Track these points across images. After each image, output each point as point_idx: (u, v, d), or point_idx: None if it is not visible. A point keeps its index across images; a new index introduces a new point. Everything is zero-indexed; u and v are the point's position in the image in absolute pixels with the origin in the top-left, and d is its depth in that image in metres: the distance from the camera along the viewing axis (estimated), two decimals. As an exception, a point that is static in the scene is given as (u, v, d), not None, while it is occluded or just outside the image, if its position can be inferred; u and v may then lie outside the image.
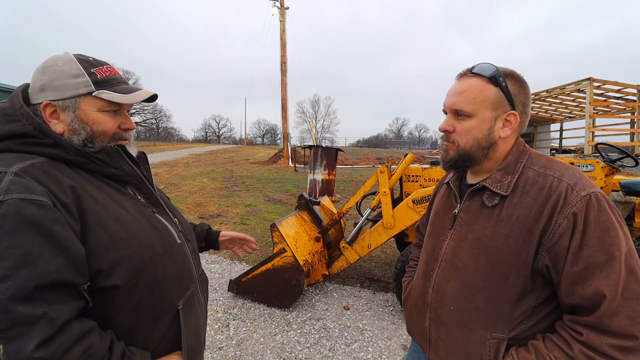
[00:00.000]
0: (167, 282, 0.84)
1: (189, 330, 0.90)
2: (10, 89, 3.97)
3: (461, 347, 0.89)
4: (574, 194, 0.77)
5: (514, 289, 0.82)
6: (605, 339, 0.71)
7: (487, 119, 0.86)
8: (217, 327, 2.78)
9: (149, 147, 27.78)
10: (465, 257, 0.89)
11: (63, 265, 0.65)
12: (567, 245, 0.75)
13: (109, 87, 0.83)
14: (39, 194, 0.66)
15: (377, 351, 2.52)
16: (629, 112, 9.25)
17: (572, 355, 0.73)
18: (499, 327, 0.83)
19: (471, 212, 0.91)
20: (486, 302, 0.85)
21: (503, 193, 0.85)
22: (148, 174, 0.98)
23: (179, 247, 0.93)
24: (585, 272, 0.74)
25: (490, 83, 0.85)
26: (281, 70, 18.04)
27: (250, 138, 62.10)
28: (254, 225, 5.94)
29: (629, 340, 0.70)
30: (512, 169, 0.87)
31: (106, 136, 0.85)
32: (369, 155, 23.13)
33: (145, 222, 0.85)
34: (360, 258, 3.34)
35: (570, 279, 0.75)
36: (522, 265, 0.80)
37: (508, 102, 0.86)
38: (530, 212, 0.80)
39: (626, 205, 3.31)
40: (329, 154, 8.48)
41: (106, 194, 0.81)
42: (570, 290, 0.76)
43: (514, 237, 0.81)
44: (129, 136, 0.91)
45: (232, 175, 12.24)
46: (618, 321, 0.70)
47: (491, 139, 0.87)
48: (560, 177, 0.80)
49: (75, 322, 0.66)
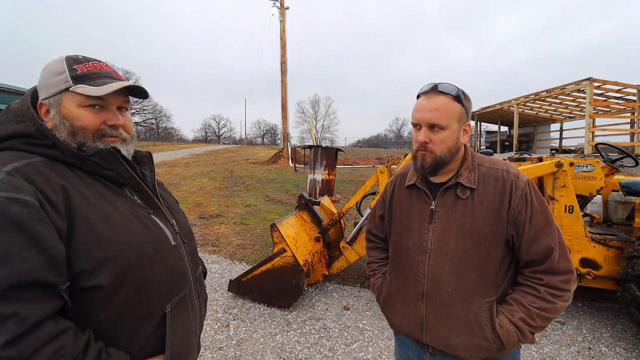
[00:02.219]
0: (156, 284, 0.83)
1: (175, 335, 0.88)
2: (10, 88, 3.98)
3: (461, 321, 1.06)
4: (520, 180, 1.05)
5: (497, 259, 1.04)
6: (557, 277, 1.01)
7: (455, 130, 1.07)
8: (217, 327, 2.78)
9: (149, 147, 27.74)
10: (453, 243, 1.06)
11: (41, 264, 0.65)
12: (524, 217, 1.03)
13: (88, 81, 0.82)
14: (25, 193, 0.67)
15: (377, 351, 2.52)
16: (629, 112, 9.26)
17: (540, 295, 1.00)
18: (490, 292, 1.05)
19: (447, 205, 1.09)
20: (478, 276, 1.04)
21: (472, 186, 1.07)
22: (151, 174, 0.97)
23: (173, 249, 0.91)
24: (536, 234, 1.02)
25: (456, 101, 1.05)
26: (281, 70, 18.04)
27: (250, 138, 62.09)
28: (254, 225, 5.94)
29: (569, 274, 1.02)
30: (472, 167, 1.10)
31: (87, 131, 0.82)
32: (369, 155, 23.14)
33: (138, 223, 0.84)
34: (360, 258, 3.35)
35: (527, 240, 1.03)
36: (499, 239, 1.04)
37: (466, 115, 1.09)
38: (494, 197, 1.04)
39: (626, 205, 3.31)
40: (329, 154, 8.48)
41: (100, 194, 0.81)
42: (527, 249, 1.03)
43: (489, 219, 1.04)
44: (119, 134, 0.88)
45: (232, 175, 12.24)
46: (562, 263, 1.01)
47: (458, 145, 1.09)
48: (506, 170, 1.08)
49: (49, 322, 0.66)
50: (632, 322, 2.65)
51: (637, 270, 2.47)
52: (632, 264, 2.52)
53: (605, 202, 3.46)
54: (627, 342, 2.67)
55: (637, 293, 2.46)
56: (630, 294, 2.50)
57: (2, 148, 0.79)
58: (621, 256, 2.71)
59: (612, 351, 2.56)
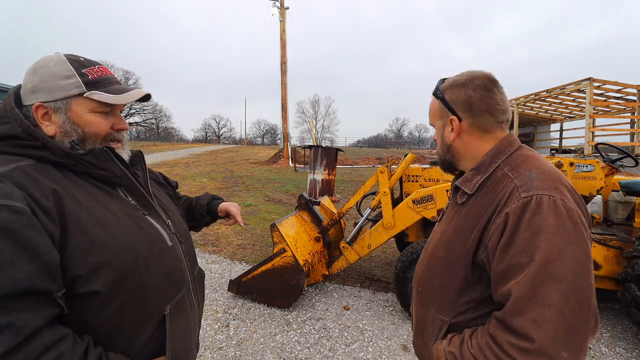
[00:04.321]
0: (153, 286, 0.82)
1: (175, 336, 0.87)
2: (9, 88, 3.96)
3: (421, 322, 1.02)
4: (516, 194, 0.78)
5: (458, 279, 0.89)
6: (506, 335, 0.73)
7: (439, 127, 1.02)
8: (217, 327, 2.78)
9: (149, 147, 27.76)
10: (435, 247, 1.01)
11: (35, 272, 0.63)
12: (497, 242, 0.78)
13: (101, 87, 0.82)
14: (15, 200, 0.64)
15: (377, 351, 2.52)
16: (629, 112, 9.25)
17: (480, 344, 0.78)
18: (445, 310, 0.92)
19: (451, 208, 1.02)
20: (439, 287, 0.95)
21: (468, 192, 0.91)
22: (143, 174, 0.96)
23: (170, 249, 0.90)
24: (507, 271, 0.76)
25: (435, 97, 1.01)
26: (281, 70, 18.04)
27: (250, 138, 62.05)
28: (254, 225, 5.94)
29: (525, 342, 0.70)
30: (484, 169, 0.91)
31: (98, 137, 0.84)
32: (369, 155, 23.13)
33: (132, 225, 0.83)
34: (360, 258, 3.34)
35: (496, 275, 0.78)
36: (465, 258, 0.86)
37: (448, 109, 0.96)
38: (482, 210, 0.85)
39: (626, 205, 3.31)
40: (329, 154, 8.48)
41: (92, 196, 0.79)
42: (495, 287, 0.80)
43: (464, 232, 0.87)
44: (122, 137, 0.90)
45: (232, 175, 12.24)
46: (520, 321, 0.71)
47: (446, 143, 1.00)
48: (514, 178, 0.82)
49: (46, 330, 0.64)
50: (632, 322, 2.65)
51: (637, 270, 2.47)
52: (632, 264, 2.52)
53: (605, 202, 3.46)
54: (627, 342, 2.68)
55: (637, 293, 2.46)
56: (630, 294, 2.50)
57: None
58: (621, 256, 2.71)
59: (612, 351, 2.56)
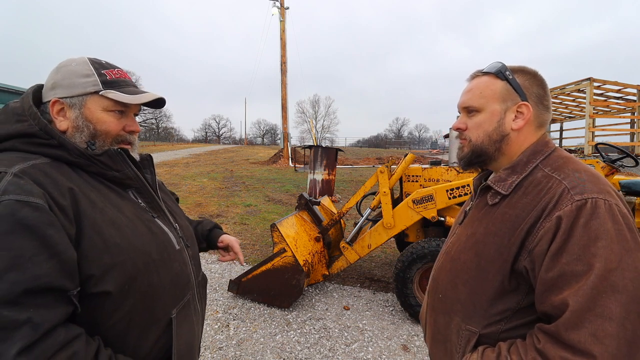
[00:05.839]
0: (162, 289, 0.83)
1: (181, 340, 0.88)
2: (9, 88, 3.98)
3: (441, 333, 0.94)
4: (568, 197, 0.72)
5: (493, 287, 0.81)
6: (559, 350, 0.66)
7: (496, 112, 0.87)
8: (217, 327, 2.78)
9: (149, 147, 27.77)
10: (460, 250, 0.91)
11: (53, 269, 0.64)
12: (546, 248, 0.72)
13: (117, 88, 0.85)
14: (35, 196, 0.65)
15: (377, 351, 2.52)
16: (629, 112, 9.25)
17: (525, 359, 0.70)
18: (474, 320, 0.84)
19: (478, 209, 0.92)
20: (467, 295, 0.86)
21: (503, 192, 0.84)
22: (152, 177, 0.97)
23: (178, 253, 0.91)
24: (559, 279, 0.69)
25: (497, 78, 0.87)
26: (281, 70, 18.04)
27: (250, 138, 62.05)
28: (254, 225, 5.94)
29: (584, 358, 0.63)
30: (520, 168, 0.85)
31: (109, 136, 0.84)
32: (369, 155, 23.13)
33: (143, 228, 0.83)
34: (360, 258, 3.34)
35: (544, 284, 0.71)
36: (502, 264, 0.79)
37: (518, 94, 0.86)
38: (522, 212, 0.78)
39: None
40: (329, 154, 8.48)
41: (105, 197, 0.79)
42: (543, 297, 0.72)
43: (500, 236, 0.80)
44: (133, 139, 0.91)
45: (232, 175, 12.24)
46: (578, 335, 0.64)
47: (502, 131, 0.87)
48: (562, 179, 0.76)
49: (61, 328, 0.65)
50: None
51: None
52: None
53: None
54: None
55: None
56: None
57: (3, 149, 0.77)
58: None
59: None
